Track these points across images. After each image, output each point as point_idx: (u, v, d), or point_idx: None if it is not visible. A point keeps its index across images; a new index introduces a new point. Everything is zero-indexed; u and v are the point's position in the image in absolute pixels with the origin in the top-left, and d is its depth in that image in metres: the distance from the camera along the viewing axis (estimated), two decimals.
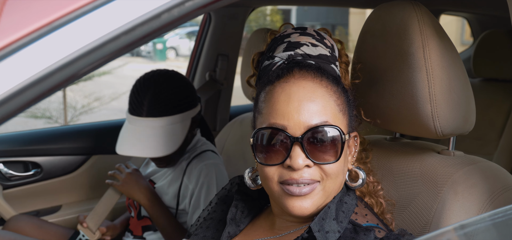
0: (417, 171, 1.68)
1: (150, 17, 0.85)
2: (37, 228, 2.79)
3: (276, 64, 1.54)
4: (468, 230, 1.10)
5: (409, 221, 1.64)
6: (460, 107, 1.61)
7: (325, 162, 1.38)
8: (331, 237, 1.35)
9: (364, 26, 1.81)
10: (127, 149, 2.40)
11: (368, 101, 1.73)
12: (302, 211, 1.39)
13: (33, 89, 0.78)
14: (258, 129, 1.42)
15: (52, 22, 0.79)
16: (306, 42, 1.56)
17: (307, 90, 1.39)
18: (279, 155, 1.39)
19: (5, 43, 0.81)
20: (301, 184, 1.37)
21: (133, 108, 2.41)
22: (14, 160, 3.09)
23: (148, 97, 2.39)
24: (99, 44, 0.81)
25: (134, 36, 0.84)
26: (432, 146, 1.79)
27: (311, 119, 1.36)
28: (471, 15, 4.96)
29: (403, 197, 1.69)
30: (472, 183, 1.55)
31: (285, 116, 1.38)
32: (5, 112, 0.80)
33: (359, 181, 1.51)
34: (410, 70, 1.58)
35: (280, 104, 1.39)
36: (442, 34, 1.62)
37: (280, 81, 1.44)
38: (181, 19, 0.88)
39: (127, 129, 2.43)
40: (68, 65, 0.79)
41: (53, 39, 0.81)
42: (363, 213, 1.49)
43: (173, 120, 2.41)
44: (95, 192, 3.31)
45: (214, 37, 3.65)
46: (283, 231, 1.50)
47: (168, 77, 2.48)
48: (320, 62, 1.52)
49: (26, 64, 0.80)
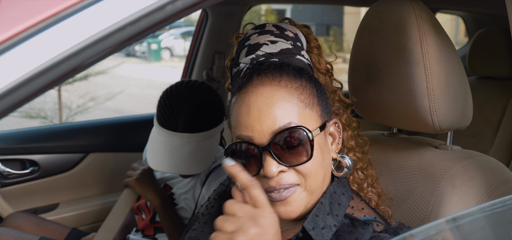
0: (415, 166, 1.69)
1: (154, 8, 0.86)
2: (35, 225, 2.78)
3: (242, 70, 1.54)
4: (467, 220, 1.12)
5: (407, 215, 1.66)
6: (458, 102, 1.63)
7: (298, 163, 1.36)
8: (327, 233, 1.35)
9: (362, 22, 1.82)
10: (163, 165, 2.36)
11: (366, 96, 1.75)
12: (288, 214, 1.38)
13: (40, 78, 0.79)
14: (229, 145, 1.41)
15: (60, 11, 0.80)
16: (265, 41, 1.55)
17: (264, 96, 1.37)
18: (254, 165, 1.37)
19: (10, 34, 0.82)
20: (280, 189, 1.36)
21: (167, 122, 2.35)
22: (12, 158, 3.10)
23: (183, 112, 2.34)
24: (105, 34, 0.82)
25: (139, 27, 0.85)
26: (430, 141, 1.80)
27: (274, 125, 1.34)
28: (466, 13, 4.98)
29: (401, 191, 1.70)
30: (470, 177, 1.56)
31: (248, 127, 1.36)
32: (13, 101, 0.81)
33: (344, 170, 1.49)
34: (408, 65, 1.60)
35: (242, 116, 1.38)
36: (440, 30, 1.63)
37: (240, 92, 1.42)
38: (184, 11, 0.89)
39: (160, 142, 2.38)
40: (75, 55, 0.81)
41: (60, 29, 0.83)
42: (359, 207, 1.48)
43: (207, 136, 2.39)
44: (92, 190, 3.32)
45: (211, 35, 3.66)
46: (281, 228, 1.50)
47: (201, 91, 2.42)
48: (283, 57, 1.52)
49: (36, 53, 0.81)
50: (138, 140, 3.33)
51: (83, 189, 3.31)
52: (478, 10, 4.56)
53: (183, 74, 3.86)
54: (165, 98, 2.40)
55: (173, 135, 2.34)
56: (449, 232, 1.13)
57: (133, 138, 3.50)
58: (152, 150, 2.40)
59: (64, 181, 3.24)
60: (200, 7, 0.94)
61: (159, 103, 2.41)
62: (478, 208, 1.24)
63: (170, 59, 26.43)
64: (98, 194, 3.36)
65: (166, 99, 2.39)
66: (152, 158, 2.38)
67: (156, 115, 2.41)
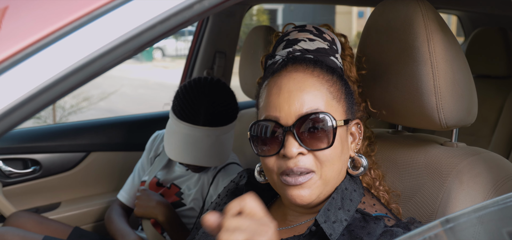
0: (422, 163, 1.72)
1: (183, 7, 0.89)
2: (37, 224, 2.79)
3: (277, 62, 1.59)
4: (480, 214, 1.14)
5: (415, 211, 1.68)
6: (464, 99, 1.65)
7: (318, 148, 1.42)
8: (338, 227, 1.38)
9: (368, 22, 1.85)
10: (185, 157, 2.42)
11: (373, 94, 1.77)
12: (301, 199, 1.43)
13: (75, 76, 0.81)
14: (254, 123, 1.48)
15: (96, 9, 0.83)
16: (303, 38, 1.60)
17: (297, 80, 1.44)
18: (274, 145, 1.44)
19: (31, 41, 0.84)
20: (297, 173, 1.41)
21: (187, 115, 2.42)
22: (13, 157, 3.10)
23: (204, 106, 2.42)
24: (136, 32, 0.85)
25: (169, 25, 0.88)
26: (435, 138, 1.83)
27: (301, 108, 1.41)
28: (463, 12, 5.02)
29: (408, 188, 1.73)
30: (476, 173, 1.59)
31: (277, 108, 1.43)
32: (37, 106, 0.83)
33: (361, 169, 1.55)
34: (415, 64, 1.62)
35: (272, 96, 1.45)
36: (446, 29, 1.66)
37: (274, 76, 1.50)
38: (211, 9, 0.92)
39: (180, 135, 2.43)
40: (108, 53, 0.83)
41: (96, 27, 0.85)
42: (371, 203, 1.53)
43: (225, 130, 2.48)
44: (94, 189, 3.33)
45: (212, 35, 3.68)
46: (294, 222, 1.54)
47: (220, 86, 2.52)
48: (318, 55, 1.56)
49: (70, 51, 0.84)
50: (139, 139, 3.34)
51: (84, 188, 3.32)
52: (476, 9, 4.59)
53: (183, 73, 3.87)
54: (184, 92, 2.47)
55: (194, 128, 2.40)
56: (443, 233, 1.16)
57: (134, 137, 3.52)
58: (171, 142, 2.45)
59: (65, 180, 3.25)
60: (226, 5, 0.97)
61: (178, 97, 2.48)
62: (491, 202, 1.27)
63: (162, 59, 26.41)
64: (100, 193, 3.37)
65: (185, 94, 2.46)
66: (171, 150, 2.43)
67: (174, 109, 2.48)
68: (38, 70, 0.86)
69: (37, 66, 0.86)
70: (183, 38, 25.20)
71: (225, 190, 1.80)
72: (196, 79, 2.53)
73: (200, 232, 1.71)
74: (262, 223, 1.17)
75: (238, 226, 1.14)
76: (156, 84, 17.32)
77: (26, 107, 0.86)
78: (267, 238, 1.16)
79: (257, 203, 1.19)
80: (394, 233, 1.35)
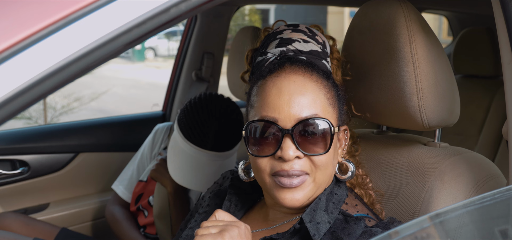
0: (405, 162, 1.74)
1: (159, 11, 0.90)
2: (24, 225, 2.78)
3: (269, 59, 1.59)
4: (454, 215, 1.16)
5: (398, 211, 1.70)
6: (446, 100, 1.67)
7: (315, 153, 1.42)
8: (322, 228, 1.40)
9: (351, 23, 1.86)
10: (189, 182, 2.41)
11: (357, 95, 1.78)
12: (293, 202, 1.44)
13: (52, 78, 0.82)
14: (250, 122, 1.47)
15: (70, 14, 0.83)
16: (298, 39, 1.60)
17: (297, 84, 1.44)
18: (271, 146, 1.43)
19: (23, 36, 0.84)
20: (292, 176, 1.41)
21: (194, 137, 2.37)
22: (2, 159, 3.09)
23: (214, 130, 2.37)
24: (113, 36, 0.86)
25: (145, 29, 0.89)
26: (418, 138, 1.84)
27: (301, 112, 1.41)
28: (451, 13, 5.04)
29: (391, 187, 1.74)
30: (458, 173, 1.61)
31: (276, 109, 1.42)
32: (22, 103, 0.83)
33: (349, 173, 1.56)
34: (398, 65, 1.64)
35: (271, 97, 1.44)
36: (428, 30, 1.67)
37: (271, 75, 1.48)
38: (188, 12, 0.93)
39: (185, 156, 2.40)
40: (85, 56, 0.84)
41: (71, 31, 0.86)
42: (353, 204, 1.54)
43: (231, 153, 2.45)
44: (83, 190, 3.33)
45: (200, 36, 3.68)
46: (276, 222, 1.54)
47: (230, 108, 2.46)
48: (311, 57, 1.57)
49: (49, 53, 0.84)
50: (128, 140, 3.35)
51: (73, 189, 3.31)
52: (463, 10, 4.62)
53: (171, 74, 3.87)
54: (194, 110, 2.41)
55: (201, 152, 2.36)
56: (433, 228, 1.17)
57: (124, 138, 3.52)
58: (175, 162, 2.43)
59: (54, 181, 3.24)
60: (202, 9, 0.97)
61: (185, 115, 2.42)
62: (466, 202, 1.28)
63: (154, 59, 26.35)
64: (88, 194, 3.36)
65: (195, 112, 2.40)
66: (174, 170, 2.41)
67: (181, 125, 2.42)
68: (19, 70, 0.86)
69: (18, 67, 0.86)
70: (175, 38, 25.12)
71: (209, 192, 1.81)
72: (208, 96, 2.47)
73: (183, 235, 1.72)
74: (233, 221, 1.32)
75: (213, 224, 1.29)
76: (148, 84, 17.29)
77: (11, 104, 0.86)
78: (238, 232, 1.27)
79: (226, 213, 1.35)
80: (373, 233, 1.36)
